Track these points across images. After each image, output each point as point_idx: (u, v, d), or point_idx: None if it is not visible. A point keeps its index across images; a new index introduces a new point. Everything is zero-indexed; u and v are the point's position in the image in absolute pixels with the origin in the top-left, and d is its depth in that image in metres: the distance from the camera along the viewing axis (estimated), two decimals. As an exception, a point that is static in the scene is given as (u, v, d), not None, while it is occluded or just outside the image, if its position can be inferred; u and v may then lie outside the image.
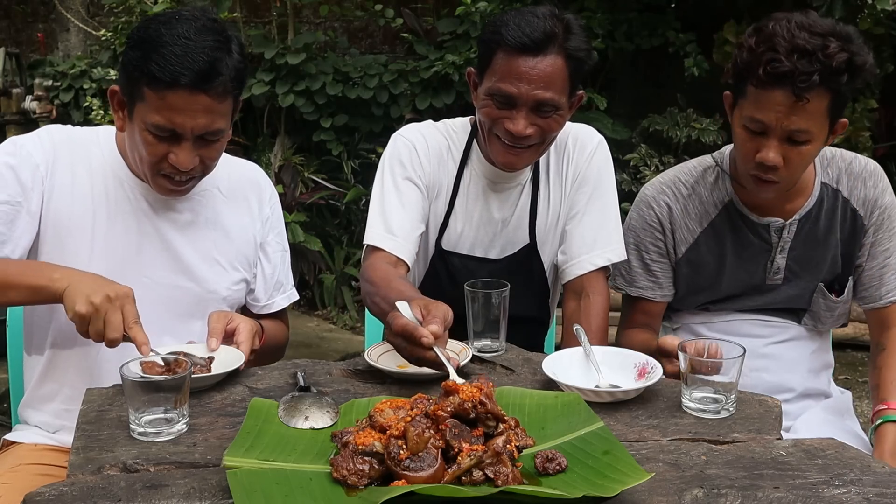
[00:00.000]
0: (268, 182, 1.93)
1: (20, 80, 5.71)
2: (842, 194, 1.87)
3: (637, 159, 4.76)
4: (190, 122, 1.56)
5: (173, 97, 1.54)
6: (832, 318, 1.94)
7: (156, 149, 1.60)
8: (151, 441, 1.30)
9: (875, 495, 1.15)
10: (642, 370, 1.54)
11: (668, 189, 1.93)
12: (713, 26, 4.77)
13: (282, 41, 5.10)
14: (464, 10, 4.90)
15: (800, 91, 1.59)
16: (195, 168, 1.63)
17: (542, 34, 1.70)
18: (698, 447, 1.30)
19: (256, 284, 1.91)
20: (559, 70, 1.73)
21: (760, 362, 1.89)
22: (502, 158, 1.83)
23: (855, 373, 4.05)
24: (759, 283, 1.90)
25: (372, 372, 1.59)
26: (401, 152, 1.90)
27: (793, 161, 1.68)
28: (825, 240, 1.88)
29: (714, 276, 1.91)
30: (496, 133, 1.80)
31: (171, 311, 1.73)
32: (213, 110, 1.58)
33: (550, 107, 1.75)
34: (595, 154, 1.95)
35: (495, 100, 1.76)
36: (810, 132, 1.65)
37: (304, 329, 4.69)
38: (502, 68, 1.73)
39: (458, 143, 1.95)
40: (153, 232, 1.72)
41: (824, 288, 1.90)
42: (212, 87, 1.55)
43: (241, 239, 1.83)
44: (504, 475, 1.13)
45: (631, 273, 1.97)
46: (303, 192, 5.00)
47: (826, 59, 1.58)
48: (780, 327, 1.93)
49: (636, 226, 1.96)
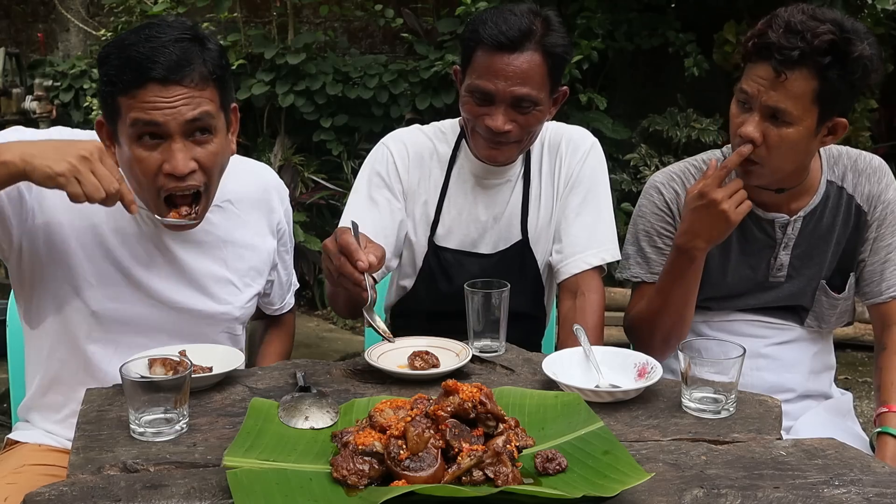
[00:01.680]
0: (279, 185, 1.89)
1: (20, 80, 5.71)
2: (846, 191, 1.87)
3: (637, 159, 4.76)
4: (170, 113, 1.48)
5: (147, 94, 1.47)
6: (835, 315, 1.94)
7: (148, 162, 1.51)
8: (151, 441, 1.30)
9: (875, 495, 1.15)
10: (642, 370, 1.54)
11: (677, 177, 1.93)
12: (713, 26, 4.78)
13: (282, 41, 5.10)
14: (464, 10, 4.89)
15: (779, 65, 1.61)
16: (194, 175, 1.53)
17: (517, 32, 1.75)
18: (698, 447, 1.30)
19: (273, 290, 1.91)
20: (536, 66, 1.76)
21: (761, 361, 1.89)
22: (484, 153, 1.88)
23: (855, 373, 4.06)
24: (763, 280, 1.90)
25: (372, 372, 1.59)
26: (377, 162, 1.96)
27: (771, 142, 1.67)
28: (828, 237, 1.88)
29: (718, 269, 1.91)
30: (477, 129, 1.84)
31: (180, 332, 1.69)
32: (194, 98, 1.50)
33: (529, 102, 1.78)
34: (589, 155, 1.97)
35: (475, 96, 1.81)
36: (790, 113, 1.64)
37: (304, 329, 4.69)
38: (481, 66, 1.78)
39: (446, 143, 1.98)
40: (162, 255, 1.67)
41: (826, 285, 1.90)
42: (185, 76, 1.49)
43: (255, 253, 1.80)
44: (504, 475, 1.13)
45: (647, 261, 1.94)
46: (303, 192, 4.99)
47: (811, 38, 1.60)
48: (782, 328, 1.93)
49: (646, 211, 1.95)
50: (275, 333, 2.00)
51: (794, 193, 1.84)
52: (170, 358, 1.42)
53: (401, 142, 1.98)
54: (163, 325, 1.68)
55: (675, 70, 5.00)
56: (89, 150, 1.38)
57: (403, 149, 1.96)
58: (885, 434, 1.77)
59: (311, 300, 5.01)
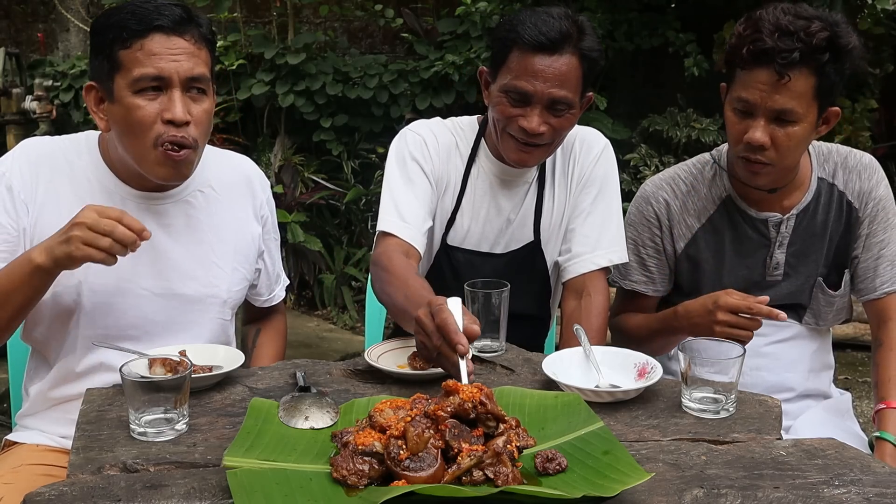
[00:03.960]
0: (259, 174, 1.90)
1: (20, 80, 5.70)
2: (837, 188, 1.89)
3: (637, 159, 4.76)
4: (173, 64, 1.55)
5: (151, 44, 1.55)
6: (832, 312, 1.95)
7: (146, 110, 1.56)
8: (151, 441, 1.30)
9: (875, 495, 1.15)
10: (642, 370, 1.54)
11: (666, 185, 1.95)
12: (713, 26, 4.77)
13: (282, 41, 5.10)
14: (464, 10, 4.90)
15: (781, 68, 1.64)
16: (189, 128, 1.59)
17: (558, 34, 1.74)
18: (698, 447, 1.30)
19: (260, 280, 1.91)
20: (574, 69, 1.77)
21: (761, 361, 1.89)
22: (514, 156, 1.85)
23: (855, 373, 4.06)
24: (759, 280, 1.91)
25: (372, 372, 1.59)
26: (411, 145, 1.92)
27: (780, 142, 1.71)
28: (822, 234, 1.89)
29: (714, 271, 1.92)
30: (509, 131, 1.82)
31: (171, 318, 1.71)
32: (194, 54, 1.58)
33: (564, 105, 1.78)
34: (601, 156, 1.97)
35: (510, 97, 1.79)
36: (796, 112, 1.68)
37: (304, 329, 4.69)
38: (518, 66, 1.76)
39: (465, 141, 1.97)
40: (146, 242, 1.66)
41: (822, 282, 1.91)
42: (188, 31, 1.57)
43: (239, 237, 1.81)
44: (504, 475, 1.13)
45: (626, 267, 2.00)
46: (303, 192, 4.99)
47: (807, 38, 1.63)
48: (781, 326, 1.92)
49: (634, 220, 1.99)
50: (267, 336, 2.00)
51: (785, 191, 1.85)
52: (170, 358, 1.42)
53: (429, 129, 1.96)
54: (151, 314, 1.69)
55: (675, 70, 5.00)
56: (86, 216, 1.44)
57: (433, 136, 1.94)
58: (882, 440, 1.78)
59: (311, 300, 5.01)
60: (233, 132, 5.12)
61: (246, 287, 1.85)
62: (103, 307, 1.66)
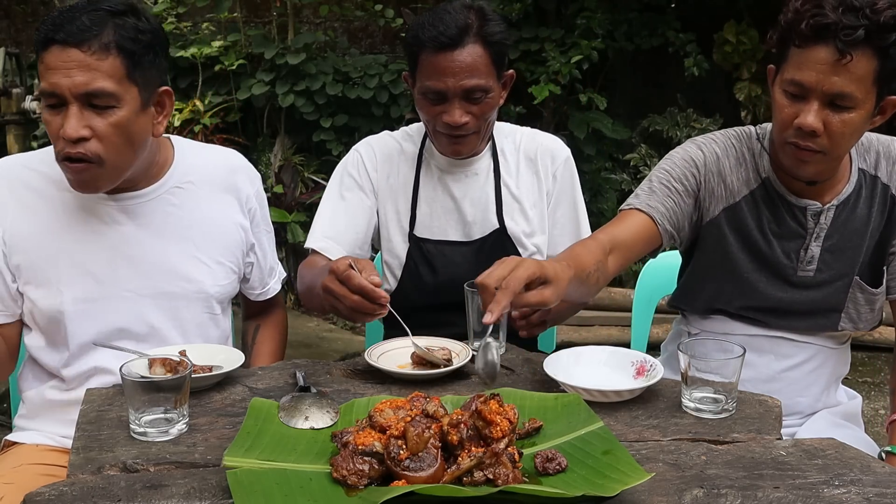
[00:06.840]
0: (246, 166, 1.88)
1: (20, 80, 5.69)
2: (881, 180, 1.76)
3: (637, 159, 4.77)
4: (65, 80, 1.49)
5: (49, 57, 1.50)
6: (872, 312, 1.81)
7: (51, 126, 1.53)
8: (151, 441, 1.30)
9: (875, 495, 1.15)
10: (640, 368, 1.54)
11: (719, 141, 1.80)
12: (713, 26, 4.78)
13: (282, 41, 5.10)
14: (463, 10, 4.89)
15: (843, 46, 1.49)
16: (87, 143, 1.52)
17: (455, 28, 1.82)
18: (698, 447, 1.30)
19: (252, 273, 1.91)
20: (479, 56, 1.85)
21: (774, 385, 1.77)
22: (448, 149, 1.98)
23: (855, 373, 4.05)
24: (791, 274, 1.78)
25: (372, 372, 1.59)
26: (348, 165, 2.06)
27: (833, 129, 1.57)
28: (863, 230, 1.76)
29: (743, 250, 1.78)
30: (437, 128, 1.92)
31: (158, 317, 1.71)
32: (91, 67, 1.50)
33: (480, 91, 1.87)
34: (565, 166, 2.07)
35: (428, 97, 1.89)
36: (853, 97, 1.54)
37: (304, 329, 4.69)
38: (428, 68, 1.87)
39: (413, 143, 2.08)
40: (125, 244, 1.68)
41: (860, 280, 1.78)
42: (84, 42, 1.49)
43: (225, 231, 1.80)
44: (504, 476, 1.13)
45: (651, 193, 1.78)
46: (303, 192, 4.99)
47: (873, 15, 1.50)
48: (804, 346, 1.81)
49: (676, 157, 1.81)
50: (266, 332, 2.00)
51: (824, 183, 1.73)
52: (170, 358, 1.42)
53: (368, 145, 2.09)
54: (139, 315, 1.69)
55: (675, 70, 5.00)
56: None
57: (371, 150, 2.07)
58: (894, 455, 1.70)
59: (311, 300, 5.01)
60: (233, 132, 5.11)
61: (235, 280, 1.84)
62: (88, 314, 1.66)
